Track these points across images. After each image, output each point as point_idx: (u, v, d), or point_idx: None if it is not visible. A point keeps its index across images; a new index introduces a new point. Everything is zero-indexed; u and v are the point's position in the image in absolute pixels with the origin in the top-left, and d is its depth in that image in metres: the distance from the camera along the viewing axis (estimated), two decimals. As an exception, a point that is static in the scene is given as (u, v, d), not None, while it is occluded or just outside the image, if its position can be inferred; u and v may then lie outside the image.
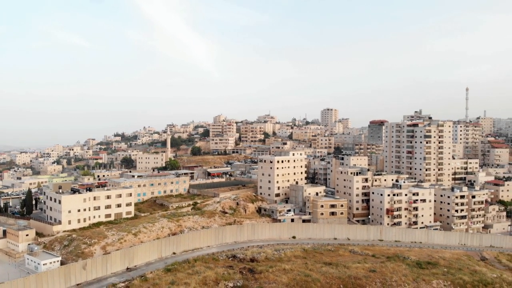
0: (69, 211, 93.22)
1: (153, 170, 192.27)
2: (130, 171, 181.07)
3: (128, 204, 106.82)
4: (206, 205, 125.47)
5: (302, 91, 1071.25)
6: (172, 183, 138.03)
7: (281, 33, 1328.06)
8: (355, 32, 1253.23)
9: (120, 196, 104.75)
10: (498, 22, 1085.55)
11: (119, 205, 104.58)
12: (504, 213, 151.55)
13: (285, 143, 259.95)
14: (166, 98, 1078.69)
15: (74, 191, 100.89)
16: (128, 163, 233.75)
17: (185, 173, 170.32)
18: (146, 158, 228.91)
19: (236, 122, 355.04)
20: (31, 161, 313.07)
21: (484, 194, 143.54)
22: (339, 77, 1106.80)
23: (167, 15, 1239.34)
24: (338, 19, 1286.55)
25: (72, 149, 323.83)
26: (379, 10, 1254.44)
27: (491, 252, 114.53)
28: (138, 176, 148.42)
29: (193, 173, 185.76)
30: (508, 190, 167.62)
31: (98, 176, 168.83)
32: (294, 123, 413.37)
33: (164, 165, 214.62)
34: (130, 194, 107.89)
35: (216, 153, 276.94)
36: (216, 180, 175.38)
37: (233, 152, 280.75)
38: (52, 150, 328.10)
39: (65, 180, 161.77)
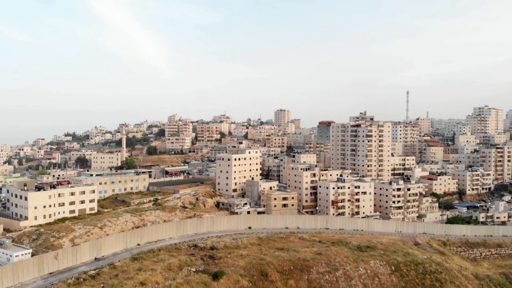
0: (35, 207, 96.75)
1: (111, 169, 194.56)
2: (88, 170, 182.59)
3: (91, 201, 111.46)
4: (166, 201, 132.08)
5: (256, 91, 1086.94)
6: (132, 180, 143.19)
7: (233, 33, 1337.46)
8: (306, 35, 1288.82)
9: (83, 193, 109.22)
10: (437, 27, 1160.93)
11: (82, 202, 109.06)
12: (437, 204, 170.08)
13: (241, 143, 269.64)
14: (116, 96, 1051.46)
15: (39, 188, 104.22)
16: (83, 163, 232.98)
17: (143, 172, 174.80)
18: (101, 157, 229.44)
19: (192, 122, 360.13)
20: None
21: (418, 187, 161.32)
22: (291, 78, 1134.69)
23: (117, 12, 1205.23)
24: (289, 21, 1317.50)
25: (22, 149, 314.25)
26: (327, 14, 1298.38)
27: (424, 238, 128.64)
28: (97, 175, 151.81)
29: (150, 172, 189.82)
30: (440, 184, 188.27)
31: (58, 175, 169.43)
32: (249, 123, 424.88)
33: (120, 164, 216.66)
34: (93, 191, 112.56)
35: (173, 152, 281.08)
36: (174, 178, 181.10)
37: (190, 151, 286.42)
38: (1, 150, 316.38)
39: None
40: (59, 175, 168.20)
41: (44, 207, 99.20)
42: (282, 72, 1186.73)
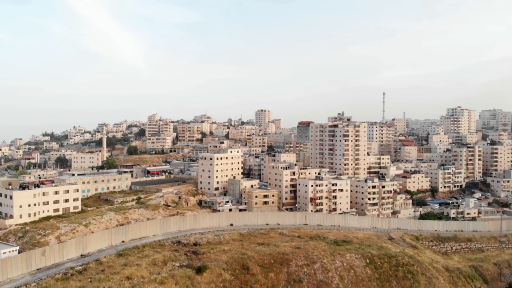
0: (20, 206, 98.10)
1: (92, 169, 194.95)
2: (69, 170, 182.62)
3: (75, 199, 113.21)
4: (149, 199, 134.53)
5: (236, 91, 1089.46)
6: (115, 180, 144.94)
7: (213, 32, 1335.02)
8: (285, 35, 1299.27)
9: (67, 192, 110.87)
10: (413, 29, 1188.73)
11: (66, 200, 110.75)
12: (410, 201, 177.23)
13: (222, 142, 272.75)
14: (94, 95, 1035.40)
15: (23, 187, 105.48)
16: (63, 163, 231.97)
17: (125, 172, 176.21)
18: (81, 157, 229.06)
19: (172, 122, 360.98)
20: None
21: (392, 185, 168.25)
22: (271, 79, 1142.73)
23: (95, 10, 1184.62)
24: (268, 22, 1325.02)
25: (0, 149, 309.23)
26: (306, 14, 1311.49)
27: (397, 233, 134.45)
28: (79, 174, 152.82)
29: (132, 171, 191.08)
30: (414, 182, 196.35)
31: (39, 175, 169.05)
32: (230, 123, 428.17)
33: (101, 164, 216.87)
34: (77, 190, 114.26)
35: (154, 152, 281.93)
36: (156, 178, 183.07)
37: (171, 151, 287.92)
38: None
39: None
40: (40, 175, 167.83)
41: (29, 205, 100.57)
42: (262, 72, 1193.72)
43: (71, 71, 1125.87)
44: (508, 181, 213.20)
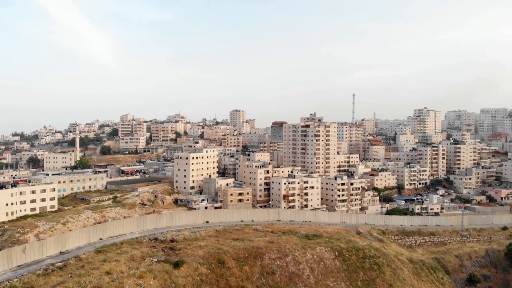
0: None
1: (66, 169, 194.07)
2: (42, 170, 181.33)
3: (52, 199, 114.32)
4: (125, 198, 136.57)
5: (210, 90, 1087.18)
6: (90, 179, 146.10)
7: (186, 31, 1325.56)
8: (258, 35, 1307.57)
9: (44, 191, 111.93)
10: (382, 31, 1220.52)
11: (43, 200, 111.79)
12: (378, 198, 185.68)
13: (197, 142, 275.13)
14: (64, 94, 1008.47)
15: (0, 187, 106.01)
16: (35, 163, 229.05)
17: (99, 171, 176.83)
18: (54, 158, 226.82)
19: (145, 122, 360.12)
20: None
21: (361, 182, 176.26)
22: (246, 78, 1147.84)
23: (64, 7, 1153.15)
24: (241, 21, 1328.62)
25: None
26: (279, 15, 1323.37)
27: (365, 227, 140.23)
28: (54, 174, 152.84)
29: (106, 171, 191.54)
30: (381, 179, 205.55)
31: (12, 175, 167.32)
32: (204, 123, 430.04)
33: (74, 164, 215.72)
34: (54, 189, 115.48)
35: (127, 152, 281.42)
36: (131, 177, 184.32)
37: (145, 151, 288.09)
38: None
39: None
40: (13, 175, 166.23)
41: (7, 205, 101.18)
42: (236, 72, 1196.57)
43: (41, 69, 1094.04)
44: (470, 179, 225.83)
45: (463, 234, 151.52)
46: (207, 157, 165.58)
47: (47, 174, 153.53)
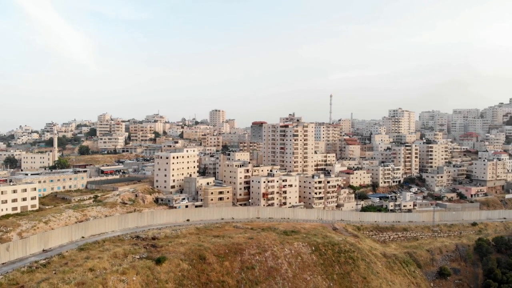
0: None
1: (45, 169, 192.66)
2: (21, 170, 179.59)
3: (33, 198, 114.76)
4: (106, 197, 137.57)
5: (190, 90, 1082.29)
6: (70, 179, 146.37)
7: (163, 30, 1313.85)
8: (238, 34, 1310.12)
9: (25, 190, 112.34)
10: (360, 32, 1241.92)
11: (24, 199, 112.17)
12: (353, 195, 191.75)
13: (176, 142, 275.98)
14: (39, 92, 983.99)
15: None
16: (12, 163, 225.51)
17: (79, 171, 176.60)
18: (31, 158, 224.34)
19: (124, 121, 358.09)
20: None
21: (337, 181, 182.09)
22: (225, 78, 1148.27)
23: (40, 4, 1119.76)
24: (220, 21, 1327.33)
25: None
26: (258, 15, 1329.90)
27: (341, 224, 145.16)
28: (33, 174, 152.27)
29: (85, 171, 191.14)
30: (357, 178, 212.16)
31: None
32: (184, 122, 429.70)
33: (52, 164, 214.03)
34: (35, 189, 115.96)
35: (106, 152, 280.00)
36: (110, 177, 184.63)
37: (124, 151, 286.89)
38: None
39: None
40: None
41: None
42: (216, 72, 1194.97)
43: (15, 67, 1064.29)
44: (442, 177, 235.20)
45: (435, 230, 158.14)
46: (188, 156, 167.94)
47: (26, 174, 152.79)
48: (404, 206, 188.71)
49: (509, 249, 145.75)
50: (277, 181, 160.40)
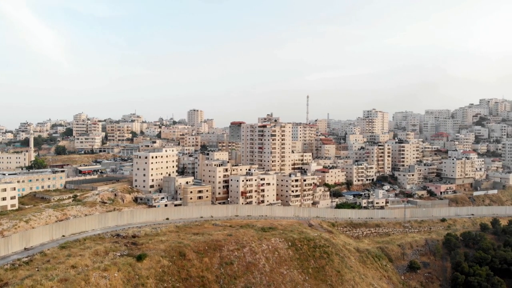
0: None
1: (22, 169, 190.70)
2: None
3: (12, 198, 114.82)
4: (86, 197, 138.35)
5: (167, 90, 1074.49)
6: (49, 179, 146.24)
7: (138, 28, 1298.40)
8: (214, 35, 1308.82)
9: (5, 190, 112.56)
10: (337, 34, 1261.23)
11: (4, 198, 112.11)
12: (328, 193, 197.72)
13: (154, 142, 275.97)
14: (11, 90, 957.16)
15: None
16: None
17: (57, 171, 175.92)
18: (7, 158, 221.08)
19: (100, 121, 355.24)
20: None
21: (313, 179, 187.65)
22: (203, 78, 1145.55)
23: (10, 0, 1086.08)
24: (195, 21, 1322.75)
25: None
26: (236, 15, 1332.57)
27: (316, 220, 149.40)
28: (10, 174, 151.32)
29: (63, 171, 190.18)
30: (332, 176, 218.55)
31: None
32: (161, 122, 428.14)
33: (29, 164, 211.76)
34: (14, 189, 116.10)
35: (83, 152, 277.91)
36: (88, 177, 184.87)
37: (101, 151, 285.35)
38: None
39: None
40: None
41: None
42: (194, 72, 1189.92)
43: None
44: (413, 175, 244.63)
45: (406, 226, 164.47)
46: (167, 156, 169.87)
47: (4, 174, 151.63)
48: (376, 203, 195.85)
49: (476, 243, 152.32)
50: (255, 180, 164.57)
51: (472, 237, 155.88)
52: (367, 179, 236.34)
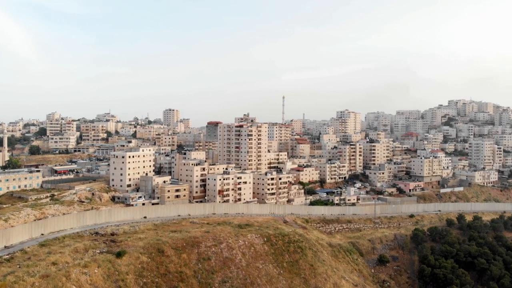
0: None
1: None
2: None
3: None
4: (63, 196, 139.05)
5: (142, 89, 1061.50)
6: (26, 178, 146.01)
7: (113, 27, 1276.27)
8: (188, 33, 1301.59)
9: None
10: (309, 35, 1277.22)
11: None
12: (303, 191, 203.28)
13: (130, 142, 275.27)
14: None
15: None
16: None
17: (34, 171, 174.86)
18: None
19: (74, 120, 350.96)
20: None
21: (288, 177, 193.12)
22: (178, 77, 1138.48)
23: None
24: (169, 19, 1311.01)
25: None
26: (209, 13, 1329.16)
27: (291, 217, 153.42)
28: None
29: (38, 171, 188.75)
30: (306, 174, 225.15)
31: None
32: (137, 122, 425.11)
33: (3, 164, 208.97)
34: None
35: (57, 152, 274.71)
36: (64, 177, 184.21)
37: (75, 150, 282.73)
38: None
39: None
40: None
41: None
42: (169, 71, 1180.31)
43: None
44: (383, 173, 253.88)
45: (376, 221, 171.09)
46: (143, 156, 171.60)
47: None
48: (348, 200, 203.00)
49: (442, 238, 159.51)
50: (232, 179, 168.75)
51: (438, 232, 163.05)
52: (339, 177, 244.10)
